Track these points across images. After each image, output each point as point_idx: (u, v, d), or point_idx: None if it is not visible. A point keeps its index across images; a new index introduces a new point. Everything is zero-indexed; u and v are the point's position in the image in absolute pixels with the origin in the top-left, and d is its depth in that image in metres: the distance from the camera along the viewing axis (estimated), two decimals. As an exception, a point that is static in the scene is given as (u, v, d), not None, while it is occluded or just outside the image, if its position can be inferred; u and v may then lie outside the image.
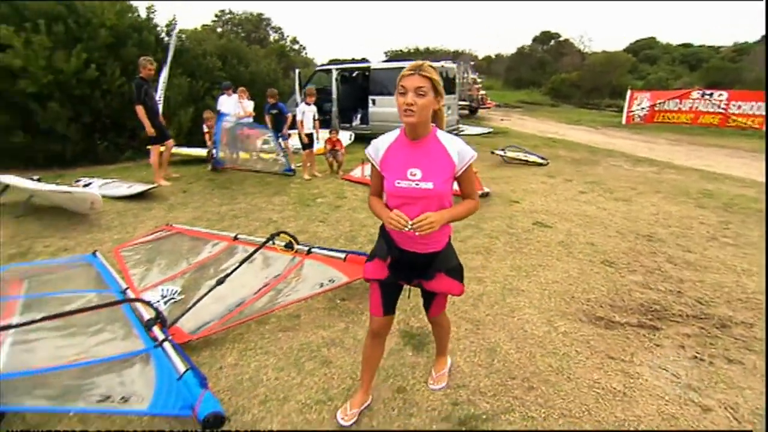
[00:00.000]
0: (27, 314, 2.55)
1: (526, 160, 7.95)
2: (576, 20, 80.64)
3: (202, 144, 7.92)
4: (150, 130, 5.89)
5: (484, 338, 2.58)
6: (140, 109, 5.76)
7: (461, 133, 11.58)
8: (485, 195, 5.32)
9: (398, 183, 1.61)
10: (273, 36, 32.54)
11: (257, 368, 2.30)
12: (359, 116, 10.61)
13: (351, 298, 3.02)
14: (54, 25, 7.25)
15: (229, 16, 32.05)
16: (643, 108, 15.45)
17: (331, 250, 3.16)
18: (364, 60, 32.73)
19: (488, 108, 18.32)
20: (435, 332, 2.21)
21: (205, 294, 2.65)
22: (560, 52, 36.24)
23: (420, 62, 1.57)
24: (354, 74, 11.45)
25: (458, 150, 1.60)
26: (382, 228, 1.79)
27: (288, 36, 34.19)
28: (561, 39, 38.16)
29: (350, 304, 2.93)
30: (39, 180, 5.12)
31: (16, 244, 4.09)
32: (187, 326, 2.52)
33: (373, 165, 1.73)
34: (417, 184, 1.58)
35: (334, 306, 2.92)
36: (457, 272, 1.80)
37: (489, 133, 12.51)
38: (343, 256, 3.00)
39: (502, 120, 16.57)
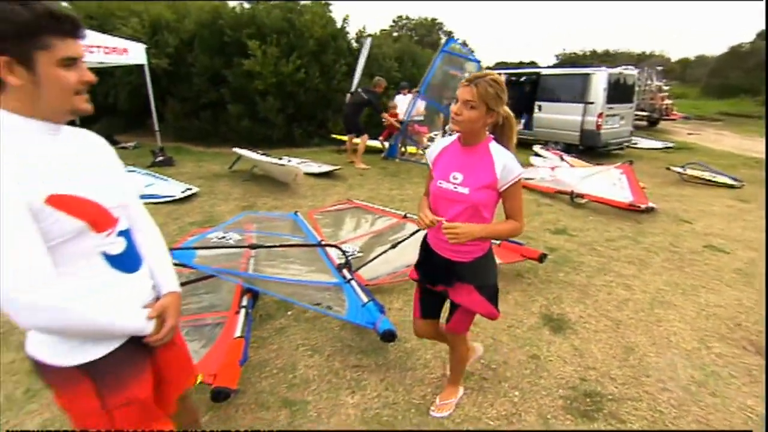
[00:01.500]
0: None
1: (711, 181, 6.97)
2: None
3: (374, 136, 9.10)
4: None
5: (623, 337, 2.69)
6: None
7: (634, 146, 10.57)
8: (649, 210, 5.00)
9: (440, 183, 1.65)
10: (444, 39, 33.89)
11: (416, 315, 2.88)
12: (523, 121, 10.58)
13: (500, 279, 3.32)
14: (281, 38, 9.22)
15: (405, 21, 34.49)
16: None
17: (488, 235, 3.57)
18: (532, 64, 31.64)
19: (672, 120, 15.96)
20: (450, 356, 2.10)
21: (381, 254, 3.36)
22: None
23: (481, 74, 1.55)
24: (522, 79, 11.44)
25: (504, 164, 1.56)
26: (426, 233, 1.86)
27: (458, 39, 35.04)
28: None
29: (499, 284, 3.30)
30: (263, 154, 6.74)
31: (245, 200, 5.57)
32: (365, 275, 3.26)
33: (429, 165, 1.79)
34: (455, 188, 1.61)
35: (481, 282, 3.34)
36: (489, 291, 1.76)
37: (668, 147, 11.08)
38: (498, 242, 3.38)
39: (689, 134, 14.34)
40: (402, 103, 8.20)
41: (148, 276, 1.21)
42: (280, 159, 7.73)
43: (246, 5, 10.74)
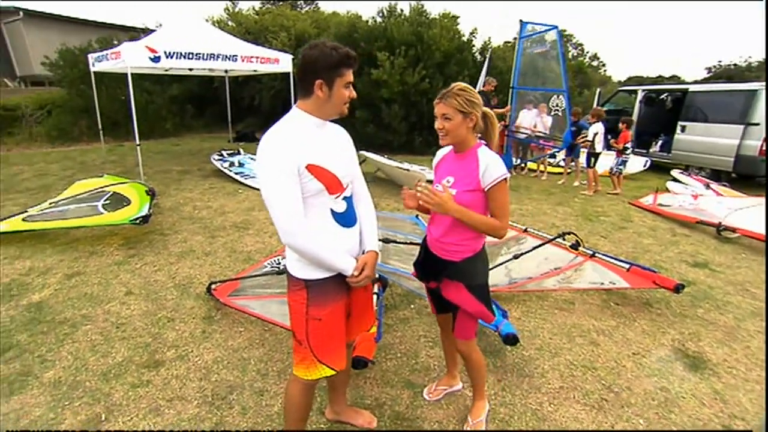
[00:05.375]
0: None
1: None
2: None
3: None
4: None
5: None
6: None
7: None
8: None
9: (436, 186, 1.80)
10: (572, 52, 31.85)
11: (535, 327, 2.91)
12: (660, 143, 9.52)
13: (626, 305, 3.24)
14: (408, 50, 9.74)
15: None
16: None
17: (616, 258, 3.42)
18: (674, 79, 27.93)
19: None
20: (467, 369, 2.08)
21: (503, 263, 3.43)
22: None
23: (448, 89, 1.70)
24: (663, 96, 10.34)
25: (486, 166, 1.65)
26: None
27: (587, 52, 32.79)
28: None
29: (624, 309, 3.17)
30: (387, 158, 7.22)
31: (369, 200, 6.03)
32: (483, 282, 3.37)
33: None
34: (445, 191, 1.73)
35: (607, 306, 3.22)
36: (479, 291, 1.80)
37: None
38: (627, 266, 3.23)
39: None
40: (527, 117, 7.98)
41: (358, 233, 1.63)
42: (402, 164, 8.20)
43: (379, 19, 11.56)
